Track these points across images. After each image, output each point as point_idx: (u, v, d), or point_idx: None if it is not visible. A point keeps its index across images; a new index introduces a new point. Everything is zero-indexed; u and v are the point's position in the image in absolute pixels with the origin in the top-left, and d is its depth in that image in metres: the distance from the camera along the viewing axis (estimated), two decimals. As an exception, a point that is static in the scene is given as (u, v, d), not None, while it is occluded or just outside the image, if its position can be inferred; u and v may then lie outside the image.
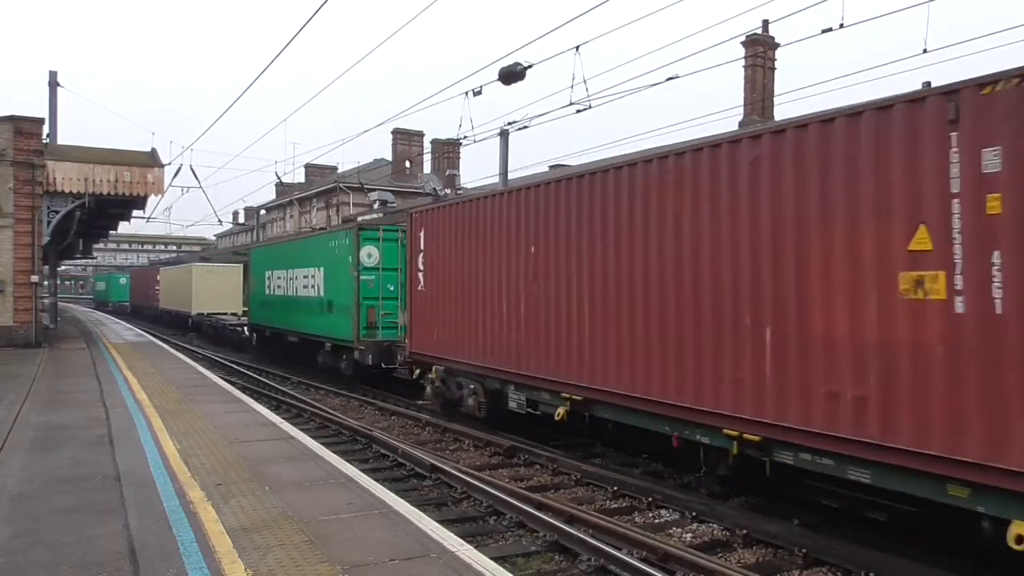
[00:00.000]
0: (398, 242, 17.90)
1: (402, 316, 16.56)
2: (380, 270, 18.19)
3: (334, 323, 19.52)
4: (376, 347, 17.95)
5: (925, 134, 6.19)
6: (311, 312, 21.20)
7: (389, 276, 18.15)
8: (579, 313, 10.20)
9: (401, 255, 17.26)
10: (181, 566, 4.93)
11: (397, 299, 17.81)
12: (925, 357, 6.13)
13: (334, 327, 19.51)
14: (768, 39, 28.58)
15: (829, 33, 12.94)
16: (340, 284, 19.12)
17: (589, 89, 55.55)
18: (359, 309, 18.02)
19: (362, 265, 18.12)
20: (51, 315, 30.93)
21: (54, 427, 9.81)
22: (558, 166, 38.44)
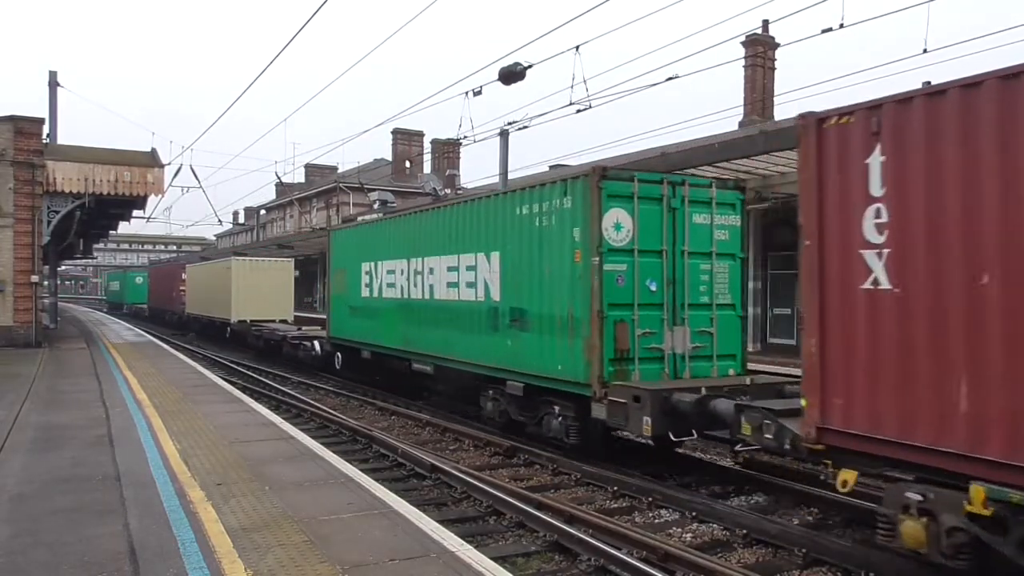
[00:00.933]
0: (663, 204, 10.42)
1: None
2: (634, 253, 10.22)
3: (525, 348, 11.45)
4: (655, 402, 9.20)
5: None
6: (465, 326, 13.20)
7: (649, 265, 10.29)
8: None
9: (674, 226, 10.41)
10: (181, 566, 4.93)
11: (662, 306, 10.35)
12: None
13: (525, 355, 11.43)
14: (768, 39, 28.58)
15: (829, 33, 12.94)
16: (543, 279, 11.03)
17: (589, 89, 55.52)
18: (600, 325, 9.88)
19: (607, 244, 10.03)
20: (51, 315, 30.93)
21: (54, 427, 9.81)
22: (558, 166, 38.46)
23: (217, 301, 31.52)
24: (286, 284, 30.64)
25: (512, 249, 11.77)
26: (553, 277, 10.79)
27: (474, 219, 13.01)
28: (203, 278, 35.32)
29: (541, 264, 11.08)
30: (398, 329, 15.92)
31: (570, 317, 10.39)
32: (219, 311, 31.30)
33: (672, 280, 10.45)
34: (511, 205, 11.88)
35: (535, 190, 11.36)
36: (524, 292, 11.48)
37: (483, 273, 12.59)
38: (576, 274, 10.26)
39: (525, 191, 11.62)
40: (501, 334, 11.96)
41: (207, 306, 33.81)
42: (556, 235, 10.73)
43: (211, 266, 35.34)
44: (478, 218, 12.87)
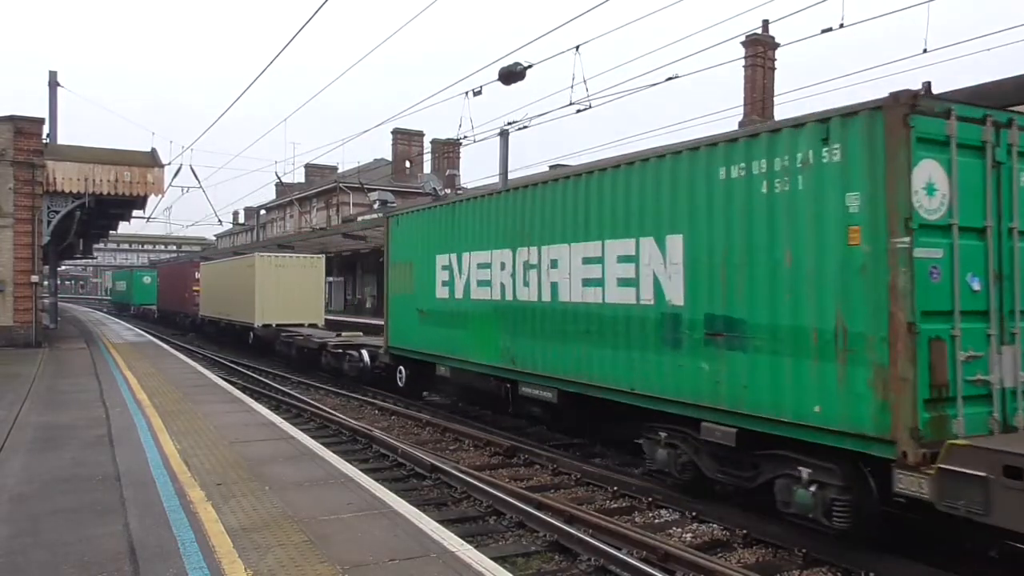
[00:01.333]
0: (985, 155, 6.93)
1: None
2: (952, 232, 6.70)
3: (738, 376, 7.88)
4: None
5: None
6: (616, 340, 9.67)
7: (970, 251, 6.81)
8: None
9: (999, 190, 6.98)
10: (181, 566, 4.93)
11: (987, 314, 6.85)
12: None
13: (739, 386, 7.87)
14: (768, 39, 28.59)
15: (829, 33, 12.95)
16: (777, 273, 7.52)
17: (589, 89, 55.50)
18: (910, 345, 6.39)
19: (918, 217, 6.51)
20: (51, 315, 30.93)
21: (54, 427, 9.81)
22: (558, 166, 38.46)
23: (237, 303, 28.13)
24: (316, 284, 27.49)
25: (706, 230, 8.23)
26: (800, 270, 7.18)
27: (631, 191, 9.33)
28: (220, 277, 31.71)
29: (773, 251, 7.47)
30: (495, 340, 12.14)
31: (840, 331, 6.79)
32: (240, 314, 27.77)
33: (999, 274, 6.87)
34: (704, 165, 8.25)
35: (756, 140, 7.69)
36: (736, 293, 7.86)
37: (651, 266, 9.03)
38: (854, 264, 6.72)
39: (736, 143, 7.90)
40: (688, 353, 8.43)
41: (225, 308, 30.23)
42: (806, 205, 7.16)
43: (230, 263, 31.27)
44: (639, 189, 9.21)
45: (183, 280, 39.87)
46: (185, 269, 40.91)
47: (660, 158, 8.99)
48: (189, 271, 38.80)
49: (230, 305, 29.35)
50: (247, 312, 26.71)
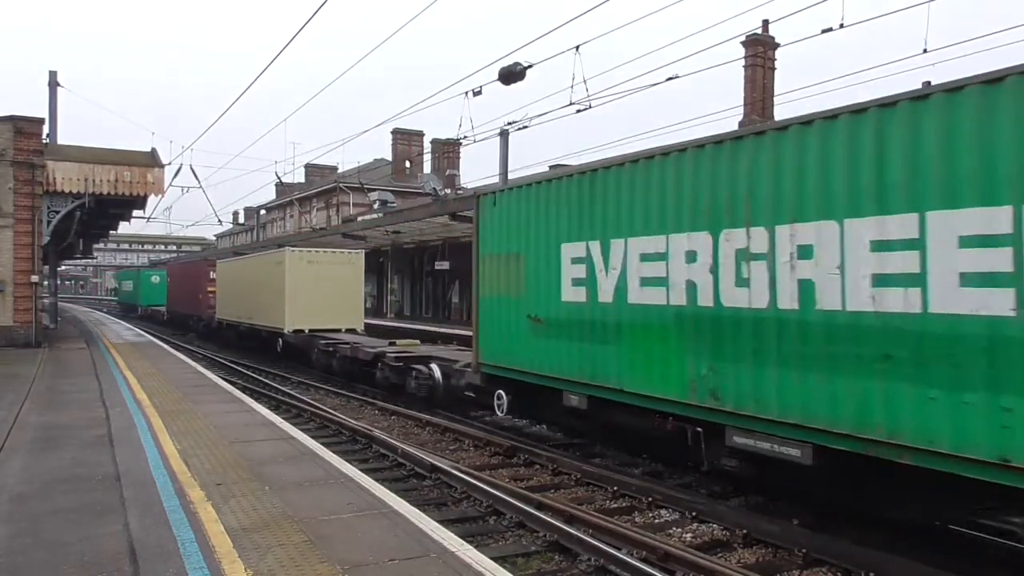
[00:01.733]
0: None
1: None
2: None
3: None
4: None
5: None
6: (961, 374, 5.89)
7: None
8: None
9: None
10: (181, 566, 4.93)
11: None
12: None
13: None
14: (768, 39, 28.60)
15: (829, 33, 12.95)
16: None
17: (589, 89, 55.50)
18: None
19: None
20: (51, 315, 30.94)
21: (54, 427, 9.81)
22: (558, 166, 38.46)
23: (263, 305, 24.83)
24: (355, 283, 24.05)
25: None
26: None
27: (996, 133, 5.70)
28: (241, 276, 28.22)
29: None
30: (675, 363, 8.47)
31: None
32: (266, 318, 24.48)
33: None
34: None
35: None
36: None
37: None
38: None
39: None
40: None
41: (248, 311, 26.78)
42: None
43: (254, 261, 27.57)
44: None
45: (196, 280, 36.86)
46: (198, 268, 37.72)
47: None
48: (203, 270, 35.82)
49: (254, 307, 26.11)
50: (275, 316, 23.51)
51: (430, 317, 37.72)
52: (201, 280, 35.37)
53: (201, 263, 38.76)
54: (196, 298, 36.31)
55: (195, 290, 36.59)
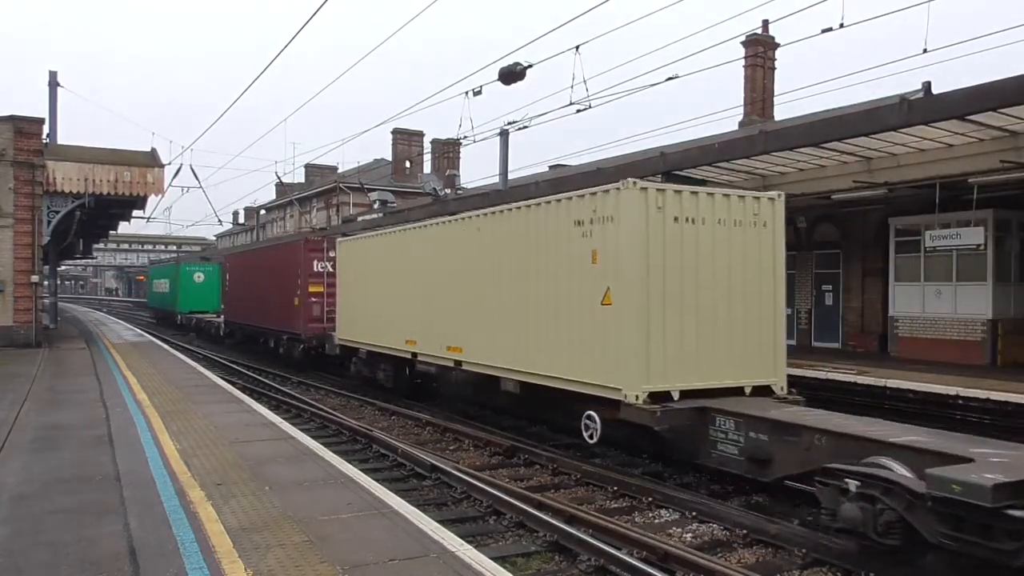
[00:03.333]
0: None
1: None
2: None
3: None
4: None
5: None
6: None
7: None
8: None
9: None
10: (181, 566, 4.92)
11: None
12: None
13: None
14: (768, 39, 28.61)
15: (829, 33, 12.96)
16: None
17: (589, 89, 55.54)
18: None
19: None
20: (51, 315, 30.94)
21: (54, 427, 9.81)
22: (558, 166, 38.48)
23: (529, 331, 11.30)
24: (771, 266, 10.52)
25: None
26: None
27: None
28: (422, 260, 14.88)
29: None
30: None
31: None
32: (549, 362, 10.78)
33: None
34: None
35: None
36: None
37: None
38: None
39: None
40: None
41: (458, 334, 13.41)
42: None
43: (480, 223, 12.97)
44: None
45: (281, 276, 23.10)
46: (285, 254, 23.72)
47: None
48: (294, 256, 22.21)
49: (478, 333, 12.75)
50: (582, 360, 10.13)
51: None
52: (291, 274, 22.10)
53: (274, 249, 26.19)
54: (283, 305, 22.76)
55: (281, 291, 22.95)
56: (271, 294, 24.25)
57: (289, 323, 22.68)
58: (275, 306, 23.87)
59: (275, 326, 24.11)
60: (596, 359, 9.79)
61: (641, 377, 9.21)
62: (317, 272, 21.63)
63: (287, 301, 22.61)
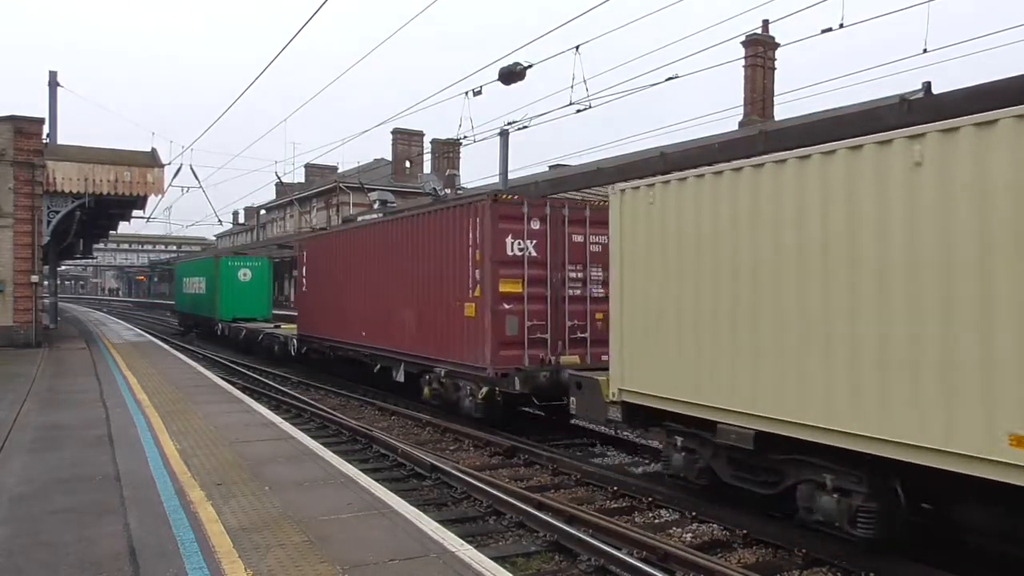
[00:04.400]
0: None
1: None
2: None
3: None
4: None
5: None
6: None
7: None
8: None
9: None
10: (181, 566, 4.93)
11: None
12: None
13: None
14: (768, 39, 28.61)
15: (829, 33, 12.95)
16: None
17: (589, 89, 55.49)
18: None
19: None
20: (51, 315, 30.94)
21: (54, 427, 9.81)
22: (558, 166, 38.47)
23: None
24: None
25: None
26: None
27: None
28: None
29: None
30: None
31: None
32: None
33: None
34: None
35: None
36: None
37: None
38: None
39: None
40: None
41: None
42: None
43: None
44: None
45: (427, 263, 14.75)
46: (438, 228, 14.37)
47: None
48: (462, 230, 13.48)
49: None
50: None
51: None
52: (455, 262, 13.72)
53: (455, 215, 14.01)
54: (434, 313, 14.44)
55: (427, 291, 14.76)
56: (404, 297, 15.46)
57: (449, 346, 13.69)
58: (416, 317, 14.95)
59: (414, 350, 15.08)
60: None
61: None
62: (512, 257, 12.71)
63: (443, 308, 13.87)
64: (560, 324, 12.86)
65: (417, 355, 15.00)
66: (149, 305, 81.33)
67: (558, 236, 13.00)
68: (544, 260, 12.85)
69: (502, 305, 12.56)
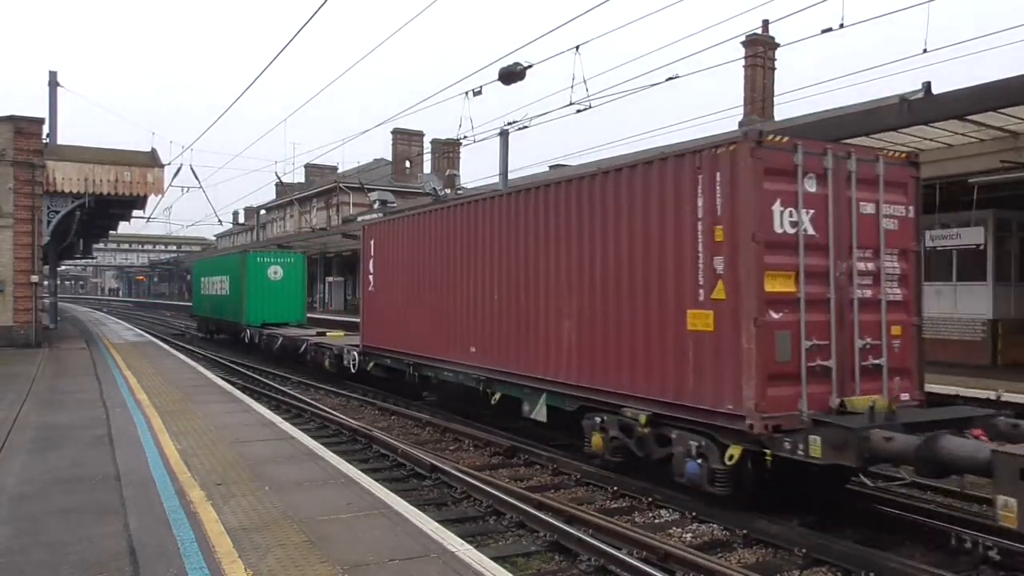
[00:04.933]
0: None
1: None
2: None
3: None
4: None
5: None
6: None
7: None
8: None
9: None
10: (181, 566, 4.93)
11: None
12: None
13: None
14: (768, 39, 28.63)
15: (829, 33, 12.96)
16: None
17: (589, 89, 55.49)
18: None
19: None
20: (51, 315, 30.94)
21: (54, 427, 9.81)
22: (558, 166, 38.47)
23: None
24: None
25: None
26: None
27: None
28: None
29: None
30: None
31: None
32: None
33: None
34: None
35: None
36: None
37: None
38: None
39: None
40: None
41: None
42: None
43: None
44: None
45: (613, 250, 9.47)
46: (643, 192, 8.95)
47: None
48: (685, 191, 8.33)
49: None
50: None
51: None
52: (675, 245, 8.53)
53: (674, 167, 8.50)
54: (619, 325, 9.37)
55: (605, 289, 9.66)
56: (555, 298, 10.79)
57: (653, 375, 8.98)
58: (579, 327, 10.29)
59: (574, 377, 10.33)
60: None
61: None
62: (782, 238, 7.96)
63: (640, 316, 9.16)
64: (848, 344, 8.17)
65: (580, 385, 10.13)
66: (149, 305, 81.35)
67: (841, 204, 8.27)
68: (825, 242, 8.15)
69: (769, 314, 7.77)
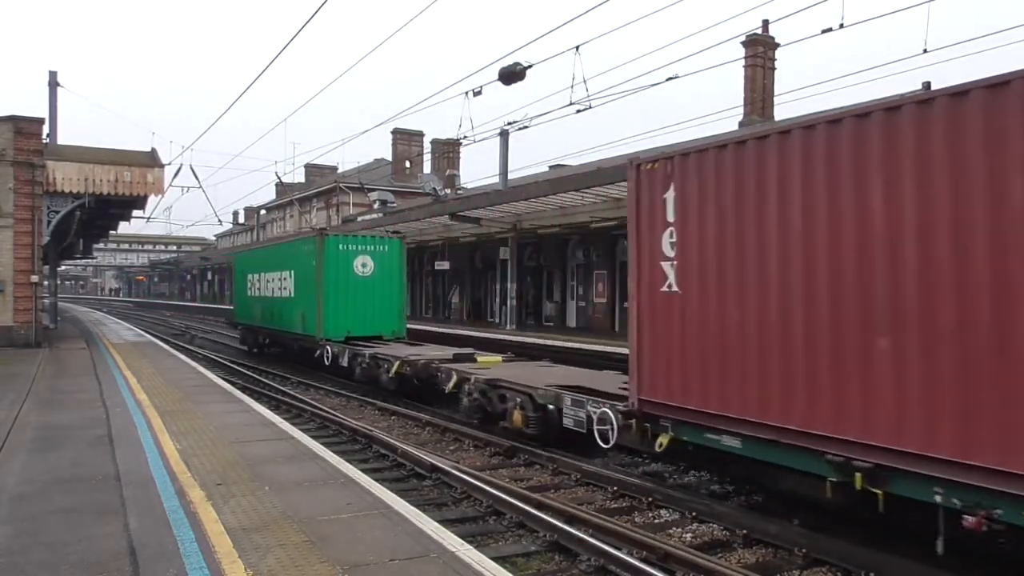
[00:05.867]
0: None
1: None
2: None
3: None
4: None
5: None
6: None
7: None
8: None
9: None
10: (181, 566, 4.93)
11: None
12: None
13: None
14: (768, 39, 28.61)
15: (829, 33, 12.97)
16: None
17: (589, 89, 55.47)
18: None
19: None
20: (51, 315, 30.93)
21: (54, 427, 9.81)
22: (558, 166, 38.49)
23: None
24: None
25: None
26: None
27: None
28: None
29: None
30: None
31: None
32: None
33: None
34: None
35: None
36: None
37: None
38: None
39: None
40: None
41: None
42: None
43: None
44: None
45: None
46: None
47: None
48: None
49: None
50: None
51: (430, 317, 37.79)
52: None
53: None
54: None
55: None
56: None
57: None
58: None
59: None
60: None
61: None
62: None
63: None
64: None
65: None
66: (149, 305, 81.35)
67: None
68: None
69: None
